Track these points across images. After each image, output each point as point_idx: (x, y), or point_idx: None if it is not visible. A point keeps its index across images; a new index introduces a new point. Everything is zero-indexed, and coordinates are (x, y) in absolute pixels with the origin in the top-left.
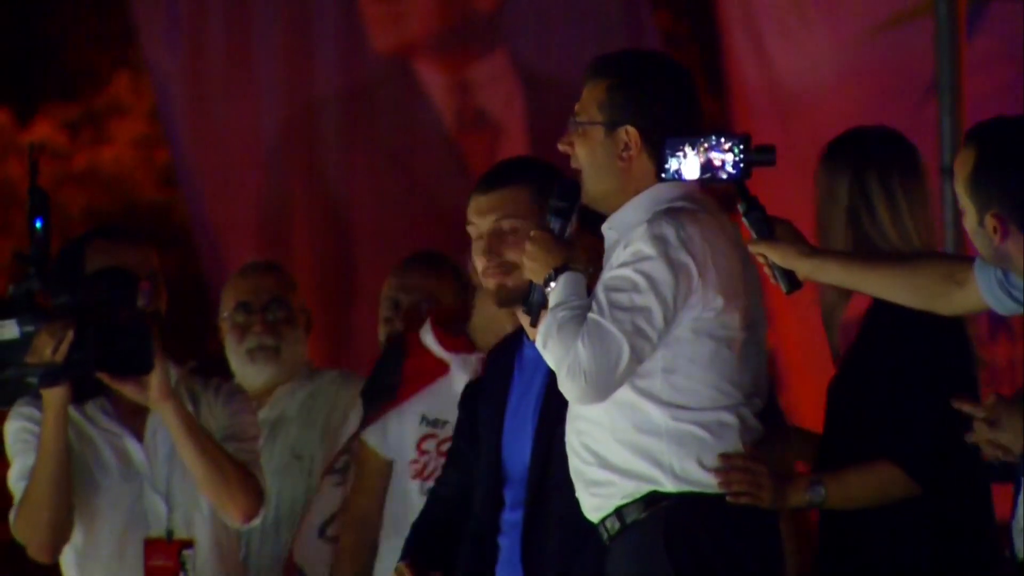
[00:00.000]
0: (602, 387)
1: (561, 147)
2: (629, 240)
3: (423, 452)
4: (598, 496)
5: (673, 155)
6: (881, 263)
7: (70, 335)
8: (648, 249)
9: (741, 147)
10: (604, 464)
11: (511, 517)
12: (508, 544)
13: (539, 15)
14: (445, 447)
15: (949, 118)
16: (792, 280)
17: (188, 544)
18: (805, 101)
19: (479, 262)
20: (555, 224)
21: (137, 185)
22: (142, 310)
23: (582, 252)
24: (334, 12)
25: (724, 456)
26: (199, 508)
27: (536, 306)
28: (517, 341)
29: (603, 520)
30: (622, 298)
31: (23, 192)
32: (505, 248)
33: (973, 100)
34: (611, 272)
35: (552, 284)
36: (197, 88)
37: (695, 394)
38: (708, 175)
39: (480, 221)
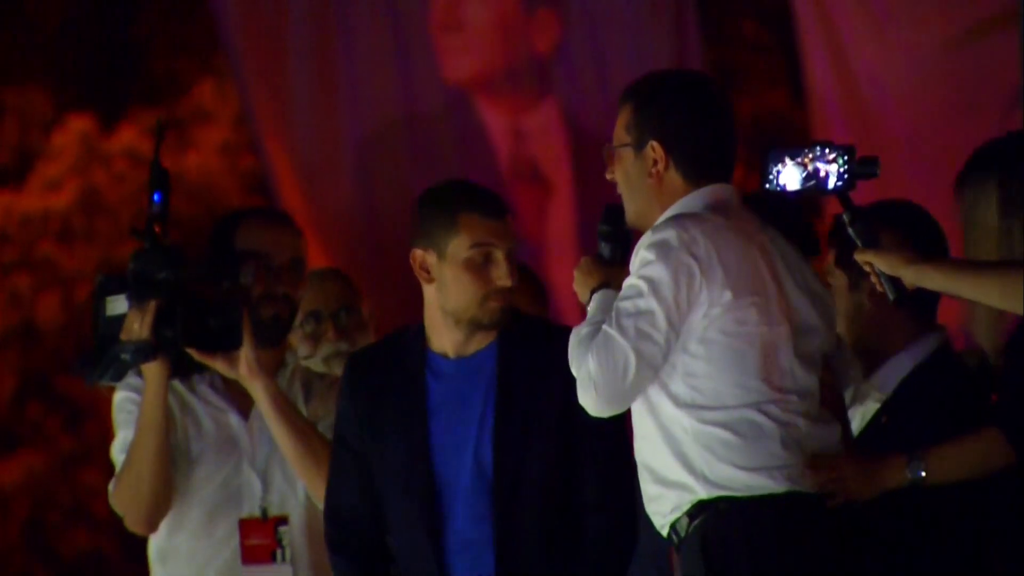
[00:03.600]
0: (613, 396)
1: (608, 176)
2: (638, 250)
3: None
4: (656, 513)
5: (775, 165)
6: (984, 269)
7: (152, 310)
8: (649, 254)
9: (846, 158)
10: (656, 478)
11: (464, 533)
12: (466, 561)
13: (589, 64)
14: None
15: None
16: (899, 287)
17: (283, 520)
18: (886, 111)
19: (502, 281)
20: (603, 248)
21: (222, 192)
22: (242, 288)
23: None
24: (410, 32)
25: (809, 460)
26: (295, 491)
27: None
28: (410, 350)
29: (668, 537)
30: (627, 305)
31: (109, 199)
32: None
33: None
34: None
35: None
36: (282, 96)
37: (715, 393)
38: (812, 184)
39: (501, 243)
